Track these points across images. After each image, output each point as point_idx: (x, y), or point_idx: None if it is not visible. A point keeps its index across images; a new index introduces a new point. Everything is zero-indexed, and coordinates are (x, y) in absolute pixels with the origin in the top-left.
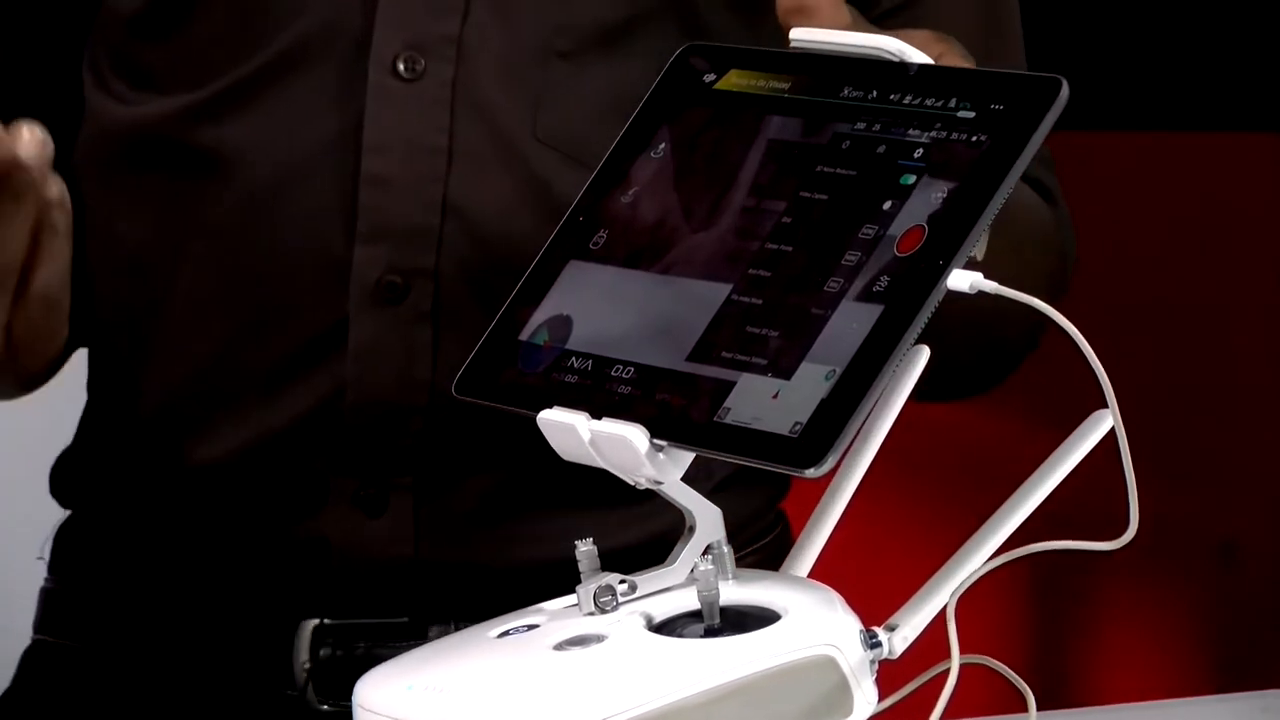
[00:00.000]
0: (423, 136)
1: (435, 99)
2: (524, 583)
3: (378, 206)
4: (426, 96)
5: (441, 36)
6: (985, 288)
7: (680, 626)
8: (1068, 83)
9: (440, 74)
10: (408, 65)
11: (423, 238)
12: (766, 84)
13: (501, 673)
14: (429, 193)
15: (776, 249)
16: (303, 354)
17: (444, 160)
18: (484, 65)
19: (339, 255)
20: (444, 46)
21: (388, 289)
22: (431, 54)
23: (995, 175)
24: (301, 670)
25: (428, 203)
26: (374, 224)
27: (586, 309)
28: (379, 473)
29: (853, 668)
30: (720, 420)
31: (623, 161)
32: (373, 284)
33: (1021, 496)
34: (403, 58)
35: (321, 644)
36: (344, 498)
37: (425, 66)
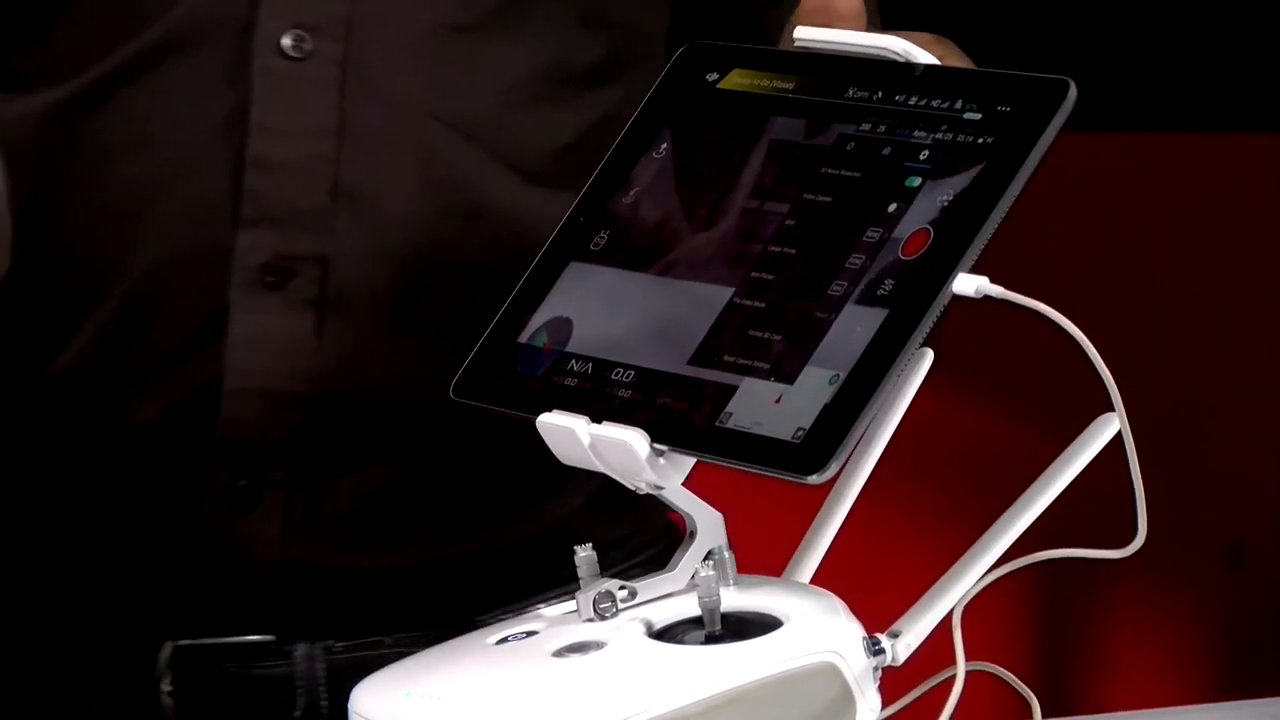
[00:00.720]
0: (312, 118)
1: (325, 79)
2: (394, 592)
3: (265, 190)
4: (315, 76)
5: (330, 14)
6: (991, 292)
7: (681, 633)
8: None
9: (329, 53)
10: (295, 44)
11: (312, 222)
12: (770, 84)
13: (500, 680)
14: (319, 175)
15: (780, 251)
16: (184, 344)
17: (334, 142)
18: (376, 43)
19: (223, 242)
20: (333, 25)
21: (273, 274)
22: (320, 33)
23: (1002, 178)
24: (165, 695)
25: (317, 185)
26: (260, 208)
27: (587, 311)
28: (252, 466)
29: (856, 675)
30: (722, 425)
31: (624, 161)
32: (256, 270)
33: (1027, 501)
34: (290, 36)
35: (184, 666)
36: (215, 492)
37: (314, 46)
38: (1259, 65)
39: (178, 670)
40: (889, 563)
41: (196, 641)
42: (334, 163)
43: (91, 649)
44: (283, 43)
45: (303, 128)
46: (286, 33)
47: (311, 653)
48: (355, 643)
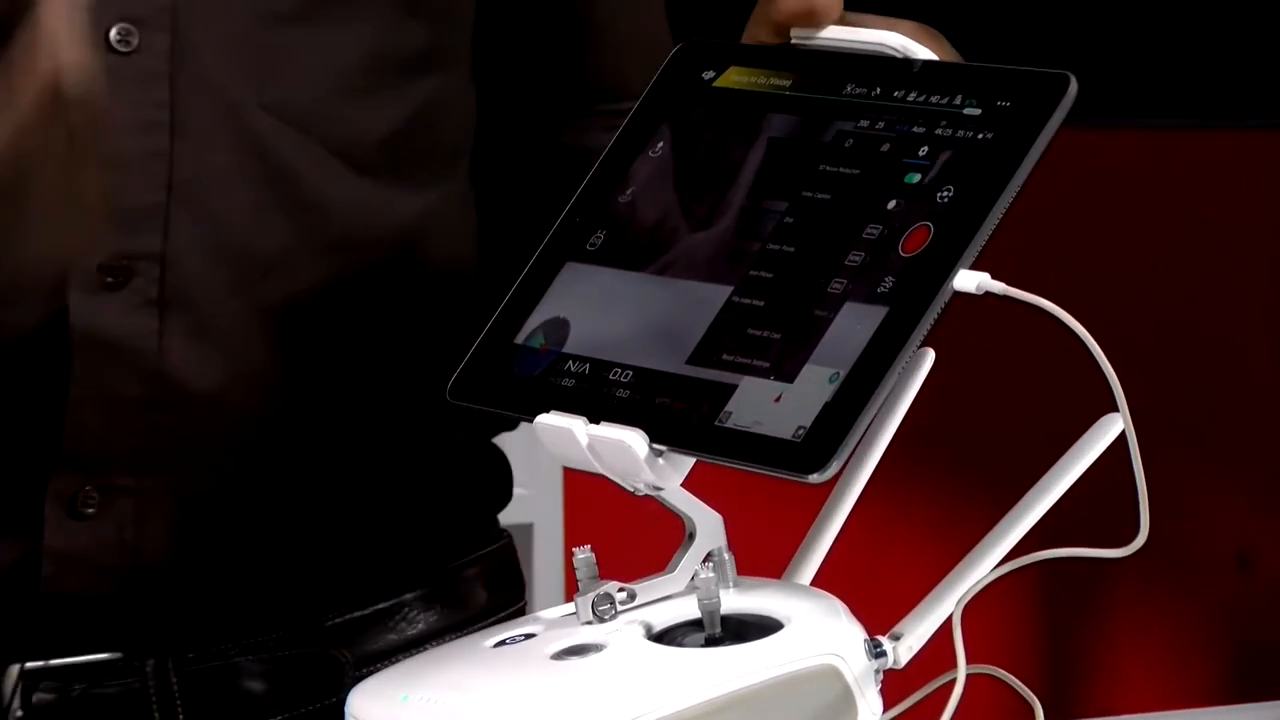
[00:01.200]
0: (142, 112)
1: (153, 72)
2: (241, 597)
3: (98, 187)
4: (144, 70)
5: (154, 6)
6: (993, 289)
7: (680, 635)
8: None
9: (156, 45)
10: (121, 38)
11: (148, 218)
12: (767, 81)
13: (498, 683)
14: (152, 171)
15: (778, 249)
16: (18, 350)
17: (165, 136)
18: (203, 34)
19: (59, 243)
20: (158, 16)
21: (111, 274)
22: (146, 25)
23: (1003, 173)
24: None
25: (151, 181)
26: (94, 206)
27: (584, 311)
28: (96, 471)
29: (857, 678)
30: (721, 424)
31: (621, 160)
32: (94, 269)
33: (1030, 501)
34: (115, 30)
35: (33, 688)
36: (59, 502)
37: (140, 39)
38: (1262, 60)
39: (26, 694)
40: (890, 564)
41: (44, 663)
42: (167, 158)
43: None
44: (110, 37)
45: (134, 123)
46: (113, 26)
47: (163, 668)
48: (205, 653)
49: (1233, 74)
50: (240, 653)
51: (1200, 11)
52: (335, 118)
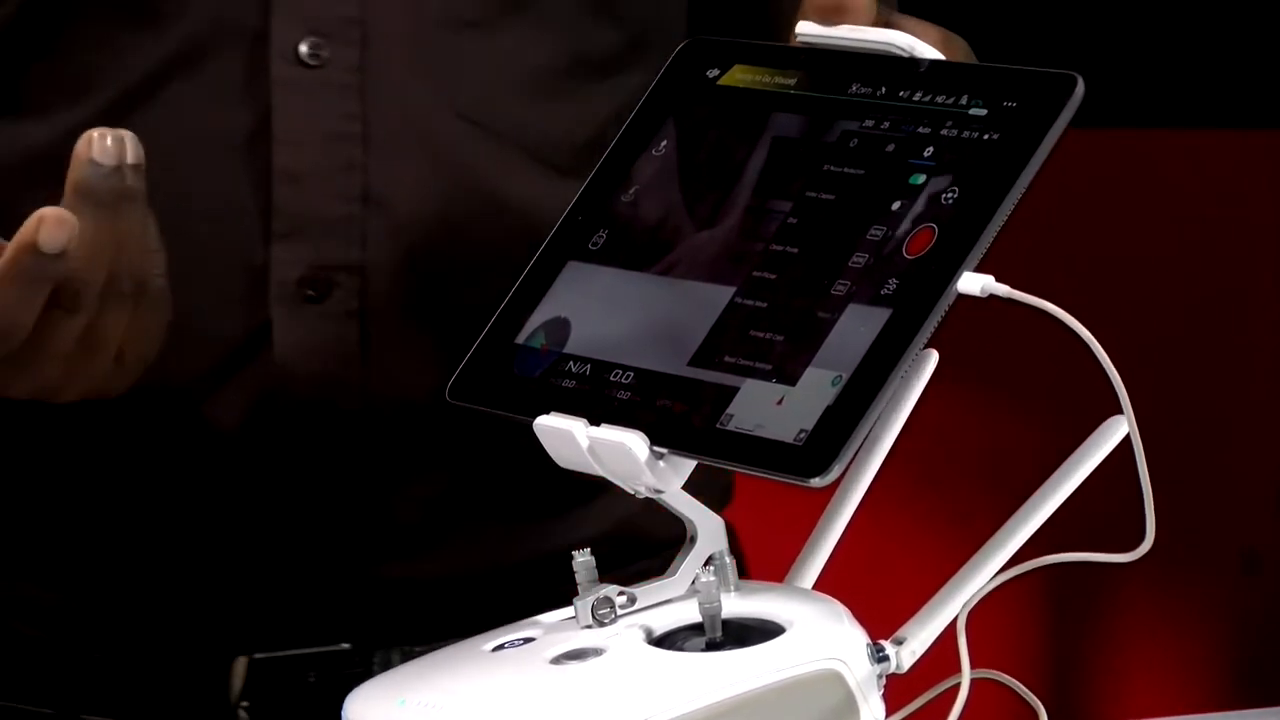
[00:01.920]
0: (334, 125)
1: (343, 85)
2: (470, 596)
3: (293, 202)
4: (334, 83)
5: (342, 19)
6: (997, 291)
7: (681, 640)
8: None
9: (345, 59)
10: (311, 52)
11: (344, 231)
12: (772, 80)
13: (497, 688)
14: (347, 183)
15: (782, 250)
16: (223, 366)
17: (359, 148)
18: (392, 44)
19: (257, 258)
20: (346, 29)
21: (310, 287)
22: (334, 38)
23: (1008, 175)
24: (239, 709)
25: (347, 194)
26: (291, 221)
27: (585, 312)
28: (312, 484)
29: (859, 682)
30: (723, 427)
31: (623, 159)
32: (294, 283)
33: (1034, 505)
34: (305, 44)
35: (261, 680)
36: (279, 513)
37: (330, 52)
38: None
39: (252, 685)
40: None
41: (272, 654)
42: (362, 170)
43: (163, 667)
44: (300, 50)
45: (327, 136)
46: (302, 40)
47: (389, 658)
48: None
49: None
50: None
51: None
52: (531, 121)
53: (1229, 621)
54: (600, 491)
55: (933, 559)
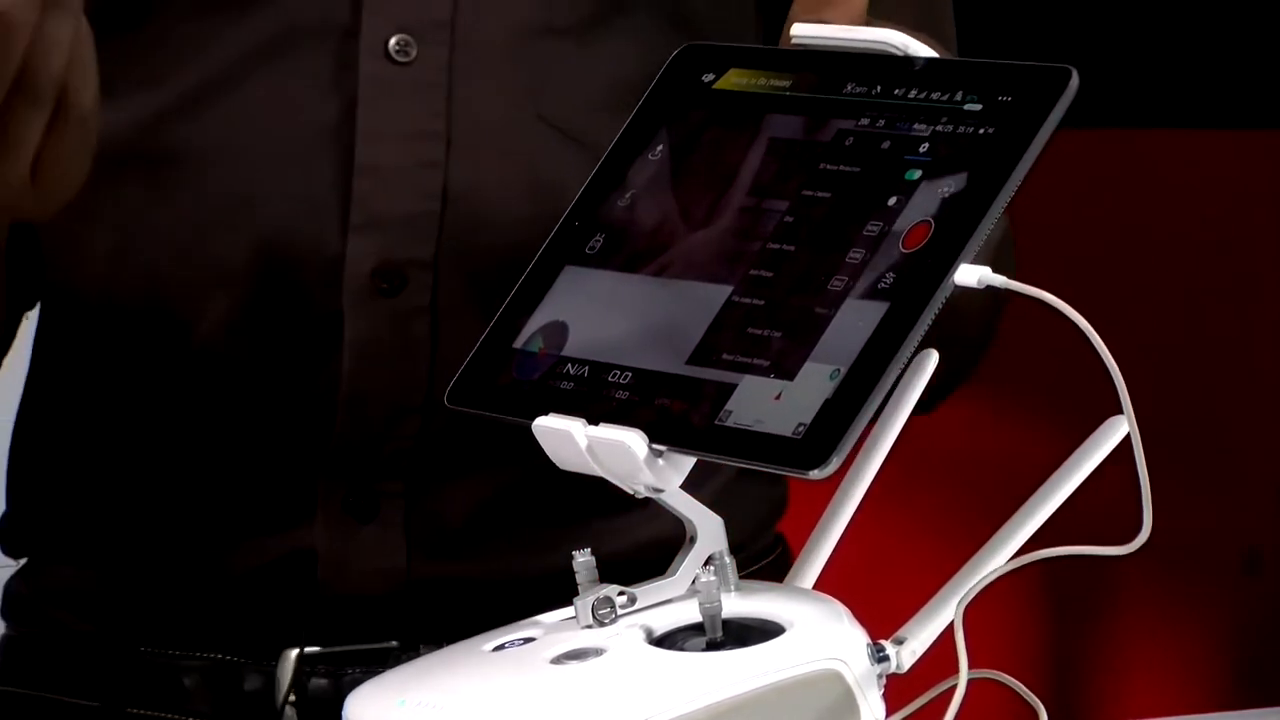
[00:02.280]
0: (418, 123)
1: (430, 83)
2: (518, 597)
3: (374, 196)
4: (421, 80)
5: (432, 18)
6: (994, 282)
7: (681, 640)
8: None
9: (434, 57)
10: (400, 48)
11: (421, 227)
12: (767, 82)
13: (497, 688)
14: (427, 180)
15: (779, 248)
16: (294, 354)
17: (442, 146)
18: (480, 46)
19: (332, 249)
20: (436, 29)
21: (384, 280)
22: (424, 37)
23: (1003, 168)
24: (286, 704)
25: (426, 191)
26: (368, 214)
27: (583, 315)
28: (369, 477)
29: (859, 682)
30: (721, 423)
31: (620, 163)
32: (367, 276)
33: (1035, 505)
34: (394, 41)
35: (309, 673)
36: (332, 505)
37: (418, 50)
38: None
39: (301, 679)
40: (893, 568)
41: (321, 649)
42: (442, 168)
43: (208, 661)
44: (389, 46)
45: (411, 133)
46: (392, 36)
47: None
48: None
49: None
50: None
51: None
52: (609, 129)
53: (1230, 621)
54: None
55: (933, 559)
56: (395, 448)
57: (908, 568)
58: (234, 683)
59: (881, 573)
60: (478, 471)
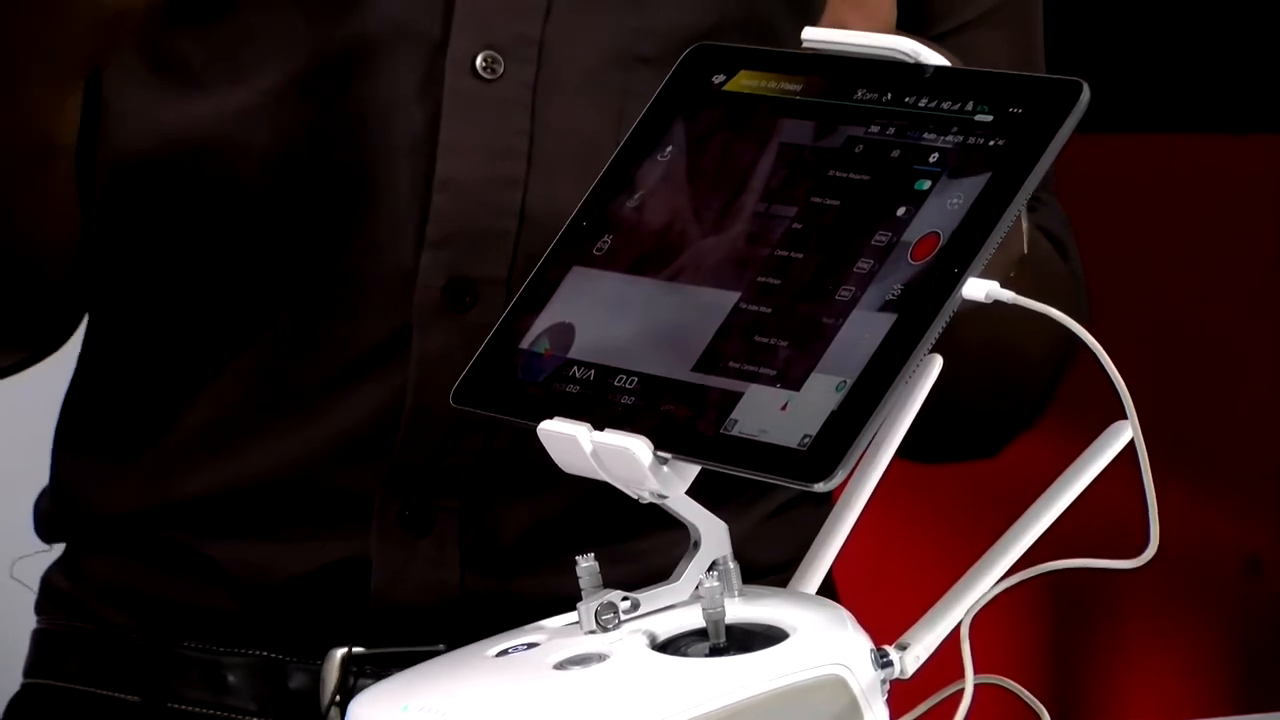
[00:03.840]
0: (501, 139)
1: (515, 101)
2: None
3: (451, 211)
4: (506, 98)
5: (522, 36)
6: (1002, 297)
7: (685, 645)
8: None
9: (521, 76)
10: (487, 65)
11: (497, 244)
12: (777, 85)
13: (500, 693)
14: (506, 198)
15: (787, 255)
16: (359, 364)
17: (523, 164)
18: (566, 68)
19: (406, 262)
20: (524, 47)
21: (456, 296)
22: (511, 55)
23: (1013, 181)
24: (332, 704)
25: (504, 208)
26: (445, 229)
27: (589, 317)
28: (427, 492)
29: (863, 688)
30: (726, 432)
31: (628, 165)
32: (439, 290)
33: (1038, 511)
34: (482, 57)
35: (355, 673)
36: (388, 517)
37: (505, 68)
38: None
39: (346, 679)
40: (897, 573)
41: (369, 650)
42: (521, 187)
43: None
44: (476, 63)
45: (492, 150)
46: (479, 53)
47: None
48: None
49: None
50: None
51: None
52: None
53: (1232, 626)
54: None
55: (937, 564)
56: (455, 463)
57: (911, 573)
58: (279, 680)
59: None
60: (535, 491)
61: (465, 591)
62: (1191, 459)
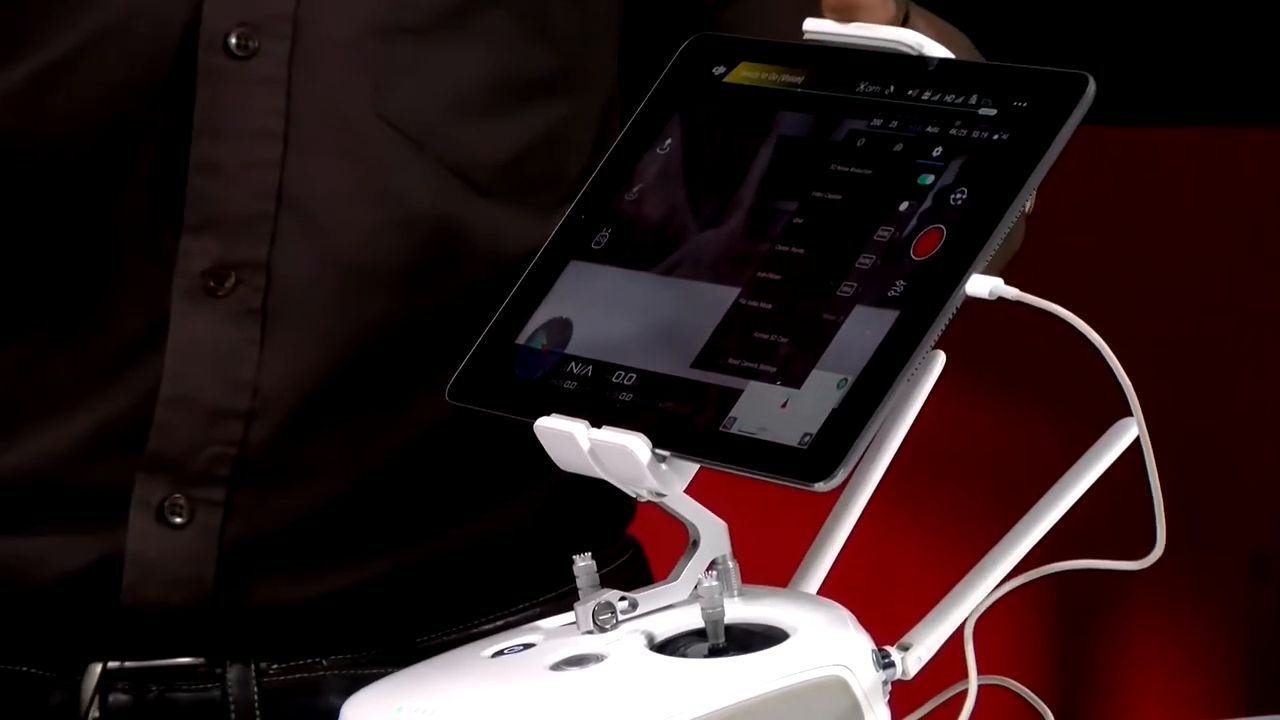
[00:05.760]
0: (257, 119)
1: (270, 79)
2: (331, 614)
3: (207, 194)
4: (260, 76)
5: (276, 11)
6: (1006, 294)
7: (683, 646)
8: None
9: (275, 52)
10: (240, 43)
11: (255, 228)
12: (778, 78)
13: (496, 695)
14: (263, 180)
15: (787, 251)
16: (119, 354)
17: (280, 145)
18: (323, 42)
19: (165, 248)
20: (278, 23)
21: (213, 280)
22: (265, 31)
23: (1018, 175)
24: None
25: (261, 190)
26: (203, 213)
27: (587, 312)
28: (186, 481)
29: (865, 689)
30: (726, 430)
31: (627, 157)
32: (197, 275)
33: (1043, 508)
34: (235, 35)
35: (111, 689)
36: (147, 509)
37: (259, 44)
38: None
39: (104, 694)
40: (899, 573)
41: (123, 664)
42: (279, 168)
43: (13, 674)
44: (230, 41)
45: (248, 130)
46: (233, 30)
47: (244, 675)
48: (290, 664)
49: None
50: (328, 667)
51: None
52: (454, 137)
53: (1239, 627)
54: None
55: (939, 563)
56: (217, 454)
57: (913, 572)
58: (38, 697)
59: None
60: (303, 483)
61: (216, 591)
62: (1196, 458)
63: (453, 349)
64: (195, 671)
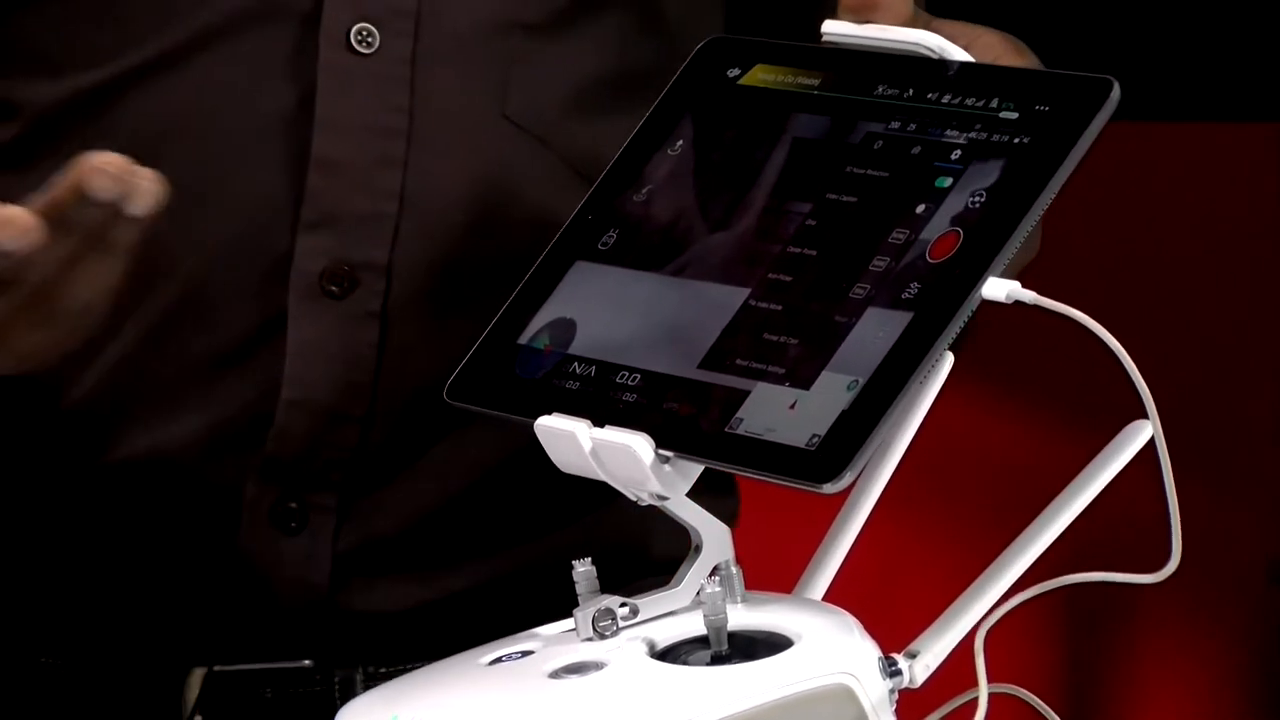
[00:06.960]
0: (379, 117)
1: (392, 76)
2: (440, 618)
3: (326, 192)
4: (383, 73)
5: (397, 8)
6: (1023, 298)
7: (685, 653)
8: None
9: (397, 49)
10: (361, 38)
11: (375, 228)
12: (794, 80)
13: (493, 703)
14: (384, 179)
15: (799, 252)
16: (232, 353)
17: (402, 143)
18: (445, 39)
19: (280, 245)
20: (400, 19)
21: (332, 282)
22: (386, 27)
23: (1038, 179)
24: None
25: (382, 190)
26: (321, 211)
27: (592, 312)
28: (300, 485)
29: (871, 698)
30: (732, 431)
31: (637, 158)
32: (315, 276)
33: (1053, 513)
34: (356, 30)
35: (218, 690)
36: (260, 513)
37: (381, 40)
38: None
39: (207, 698)
40: (906, 579)
41: (230, 668)
42: (401, 166)
43: (119, 675)
44: (350, 35)
45: (370, 127)
46: (354, 25)
47: (352, 677)
48: (401, 668)
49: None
50: None
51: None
52: (575, 132)
53: (1256, 635)
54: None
55: (947, 569)
56: (331, 457)
57: (921, 578)
58: (142, 696)
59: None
60: (418, 487)
61: (330, 596)
62: (1212, 464)
63: None
64: (303, 674)
